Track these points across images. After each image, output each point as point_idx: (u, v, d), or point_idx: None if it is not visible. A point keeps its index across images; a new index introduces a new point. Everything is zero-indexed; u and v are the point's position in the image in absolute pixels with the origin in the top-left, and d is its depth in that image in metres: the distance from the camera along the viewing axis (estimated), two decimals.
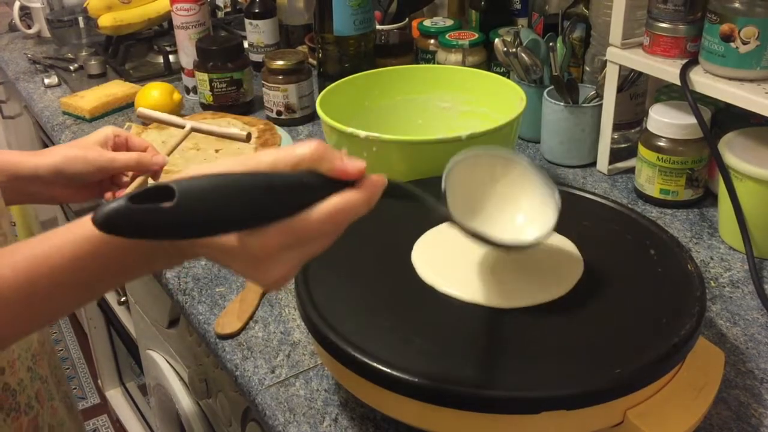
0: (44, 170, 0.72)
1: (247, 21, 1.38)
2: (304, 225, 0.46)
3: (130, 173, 0.77)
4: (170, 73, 1.45)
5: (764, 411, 0.66)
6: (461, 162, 0.59)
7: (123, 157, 0.75)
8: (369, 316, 0.63)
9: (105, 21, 1.47)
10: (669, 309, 0.61)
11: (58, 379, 0.71)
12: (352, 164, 0.47)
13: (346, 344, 0.58)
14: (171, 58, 1.46)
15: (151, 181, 0.78)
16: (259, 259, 0.46)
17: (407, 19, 1.41)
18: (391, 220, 0.76)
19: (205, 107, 1.28)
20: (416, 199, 0.53)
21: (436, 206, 0.54)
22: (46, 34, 1.67)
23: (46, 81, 1.44)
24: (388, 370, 0.56)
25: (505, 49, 1.09)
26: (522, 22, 1.27)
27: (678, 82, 0.88)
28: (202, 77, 1.26)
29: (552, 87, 1.07)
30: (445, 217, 0.54)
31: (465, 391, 0.54)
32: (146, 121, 1.22)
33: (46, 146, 1.52)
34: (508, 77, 1.05)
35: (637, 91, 1.06)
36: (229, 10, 1.74)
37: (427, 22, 1.32)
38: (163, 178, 0.71)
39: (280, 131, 1.15)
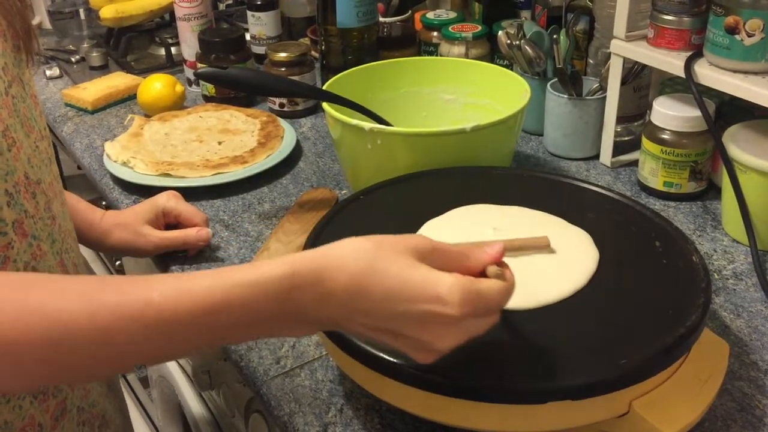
0: (101, 249, 0.87)
1: (249, 13, 1.38)
2: (490, 294, 0.49)
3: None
4: (172, 65, 1.45)
5: None
6: None
7: (170, 237, 0.85)
8: None
9: (106, 13, 1.46)
10: (674, 300, 0.62)
11: None
12: (494, 249, 0.52)
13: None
14: (173, 50, 1.46)
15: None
16: (449, 324, 0.48)
17: (410, 11, 1.41)
18: (392, 213, 0.76)
19: (208, 99, 1.28)
20: None
21: None
22: (48, 25, 1.67)
23: (48, 73, 1.44)
24: (394, 360, 0.56)
25: (509, 41, 1.09)
26: (525, 14, 1.26)
27: (682, 75, 0.88)
28: None
29: (555, 80, 1.07)
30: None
31: (471, 382, 0.54)
32: (149, 113, 1.22)
33: None
34: (511, 70, 1.05)
35: (641, 83, 1.06)
36: (231, 2, 1.73)
37: (430, 15, 1.32)
38: None
39: (283, 123, 1.15)
